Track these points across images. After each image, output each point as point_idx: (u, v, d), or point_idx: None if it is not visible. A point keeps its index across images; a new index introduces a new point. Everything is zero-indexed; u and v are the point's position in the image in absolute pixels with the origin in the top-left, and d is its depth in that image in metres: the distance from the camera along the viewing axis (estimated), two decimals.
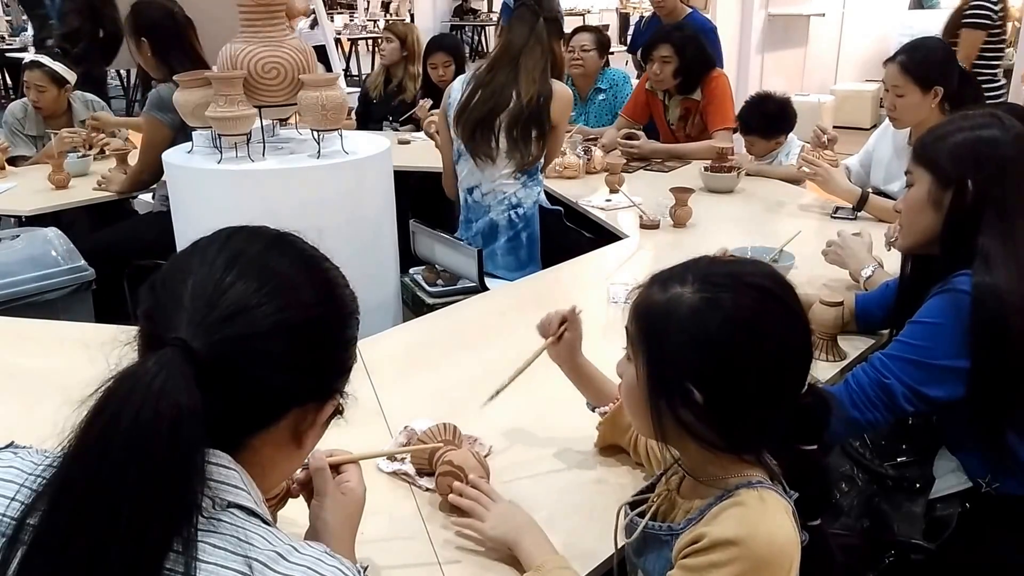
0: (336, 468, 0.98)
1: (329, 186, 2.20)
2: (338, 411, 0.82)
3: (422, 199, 3.45)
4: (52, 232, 2.56)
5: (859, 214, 2.49)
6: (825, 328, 1.65)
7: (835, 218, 2.51)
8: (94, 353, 0.71)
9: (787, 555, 0.81)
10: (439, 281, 2.61)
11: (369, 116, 4.24)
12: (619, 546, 1.04)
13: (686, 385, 0.84)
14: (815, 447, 0.92)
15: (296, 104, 2.23)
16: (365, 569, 0.72)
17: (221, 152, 2.21)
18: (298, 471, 0.96)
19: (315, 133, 2.23)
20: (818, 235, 2.16)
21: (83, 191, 3.04)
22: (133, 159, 3.11)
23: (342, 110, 2.21)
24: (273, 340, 0.71)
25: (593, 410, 1.28)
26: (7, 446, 0.75)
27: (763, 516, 0.82)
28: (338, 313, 0.79)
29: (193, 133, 2.36)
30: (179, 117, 2.36)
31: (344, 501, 0.95)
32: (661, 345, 0.87)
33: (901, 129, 2.50)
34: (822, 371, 1.60)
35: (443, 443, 1.20)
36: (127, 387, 0.63)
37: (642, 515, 0.97)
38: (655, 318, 0.88)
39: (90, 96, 3.77)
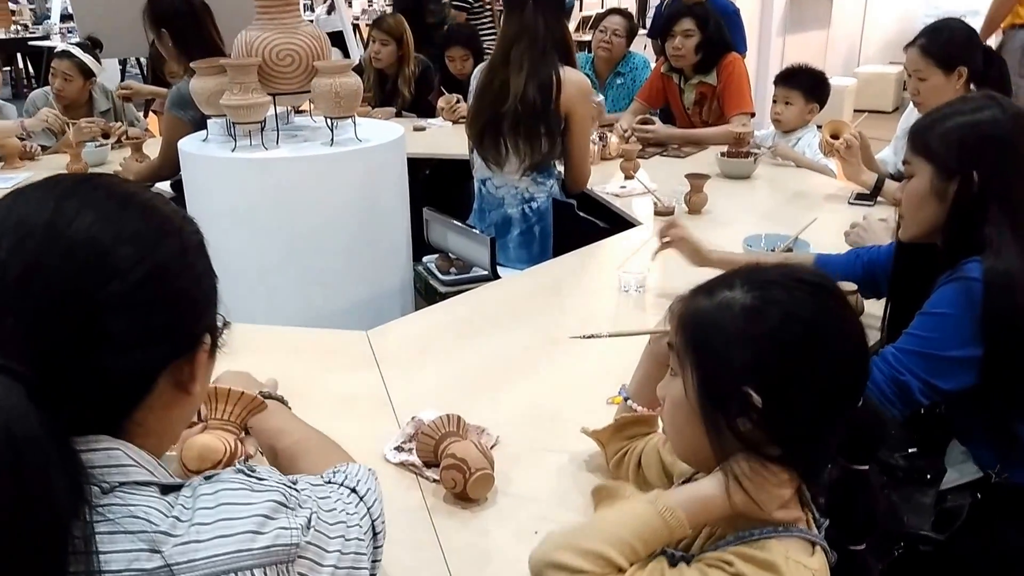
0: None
1: (341, 174, 2.20)
2: (216, 344, 0.75)
3: (437, 187, 3.44)
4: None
5: (877, 200, 2.45)
6: None
7: (853, 204, 2.48)
8: None
9: None
10: (452, 269, 2.61)
11: None
12: None
13: (743, 389, 0.79)
14: (866, 467, 0.88)
15: (310, 91, 2.23)
16: (245, 460, 0.75)
17: (235, 140, 2.22)
18: None
19: (328, 120, 2.24)
20: (836, 223, 2.12)
21: None
22: (148, 148, 3.14)
23: (356, 97, 2.21)
24: (107, 320, 0.62)
25: (626, 400, 1.18)
26: None
27: None
28: (176, 248, 0.69)
29: (208, 121, 2.37)
30: (199, 113, 2.37)
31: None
32: (713, 351, 0.83)
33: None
34: None
35: (447, 435, 1.20)
36: None
37: None
38: (704, 325, 0.84)
39: (110, 87, 3.81)
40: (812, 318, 0.82)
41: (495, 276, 2.32)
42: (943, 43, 2.31)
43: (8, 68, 8.60)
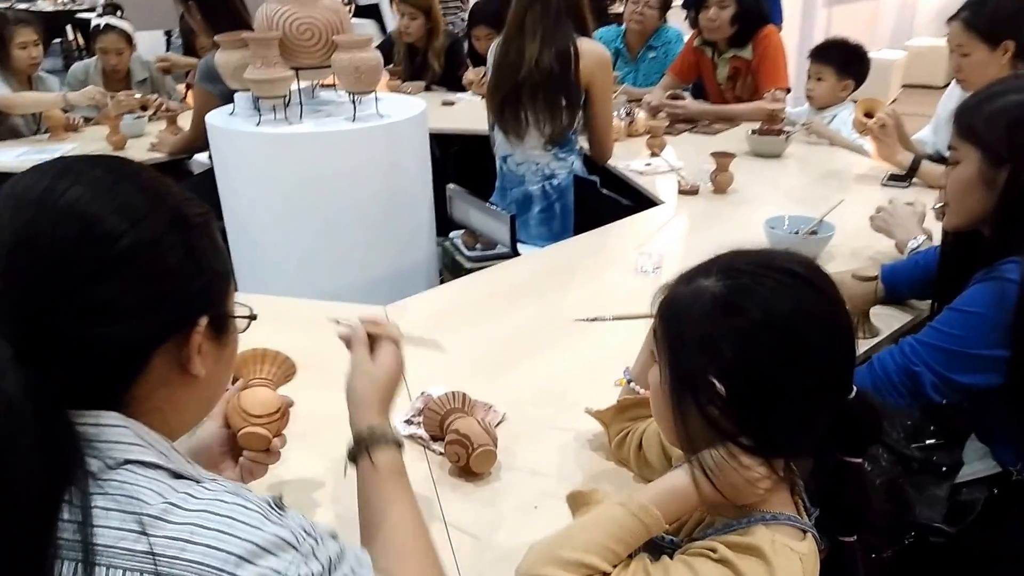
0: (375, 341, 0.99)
1: (362, 149, 2.21)
2: (224, 328, 0.74)
3: (467, 162, 3.44)
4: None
5: (913, 181, 2.39)
6: (857, 303, 1.60)
7: (887, 186, 2.42)
8: None
9: None
10: (478, 245, 2.62)
11: None
12: None
13: (708, 379, 0.79)
14: (859, 460, 0.86)
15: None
16: (279, 497, 0.68)
17: (260, 114, 2.24)
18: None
19: (350, 95, 2.25)
20: (869, 206, 2.05)
21: (138, 151, 3.13)
22: (183, 120, 3.19)
23: (376, 72, 2.22)
24: (93, 290, 0.63)
25: (629, 382, 1.21)
26: None
27: (779, 571, 0.76)
28: (174, 227, 0.68)
29: (235, 94, 2.40)
30: (227, 87, 2.39)
31: (373, 369, 0.95)
32: (682, 339, 0.83)
33: (970, 91, 2.35)
34: None
35: (452, 411, 1.22)
36: None
37: None
38: (677, 313, 0.85)
39: (146, 58, 3.87)
40: (785, 309, 0.80)
41: (515, 254, 2.32)
42: (988, 15, 2.19)
43: (59, 40, 8.74)
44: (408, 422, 1.29)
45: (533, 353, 1.54)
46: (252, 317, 0.79)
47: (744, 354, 0.79)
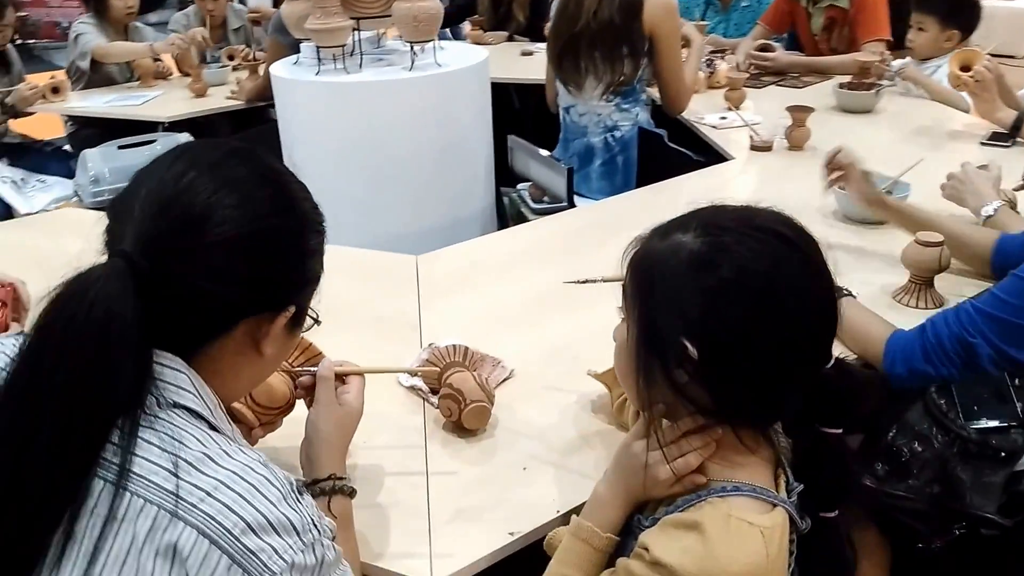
0: (342, 379, 1.00)
1: (418, 99, 2.19)
2: (299, 323, 0.83)
3: (547, 113, 3.35)
4: (184, 137, 2.74)
5: (1016, 141, 2.16)
6: (920, 270, 1.46)
7: (986, 145, 2.20)
8: None
9: None
10: (545, 198, 2.56)
11: None
12: None
13: (681, 340, 0.75)
14: (839, 431, 0.81)
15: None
16: (303, 483, 0.73)
17: (320, 64, 2.25)
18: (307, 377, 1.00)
19: (410, 44, 2.22)
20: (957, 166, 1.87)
21: (218, 100, 3.23)
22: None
23: (435, 21, 2.18)
24: (218, 252, 0.71)
25: None
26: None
27: (720, 545, 0.72)
28: (294, 224, 0.78)
29: (301, 44, 2.42)
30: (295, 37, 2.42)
31: (339, 412, 0.97)
32: (654, 297, 0.78)
33: None
34: (913, 318, 1.42)
35: (451, 365, 1.19)
36: (69, 293, 0.66)
37: None
38: (650, 269, 0.80)
39: (237, 5, 3.97)
40: (763, 271, 0.74)
41: (572, 207, 2.25)
42: None
43: None
44: (411, 373, 1.27)
45: (552, 311, 1.49)
46: (317, 321, 0.87)
47: (712, 314, 0.74)
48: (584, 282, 1.18)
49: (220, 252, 0.71)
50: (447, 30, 4.65)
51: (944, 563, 1.39)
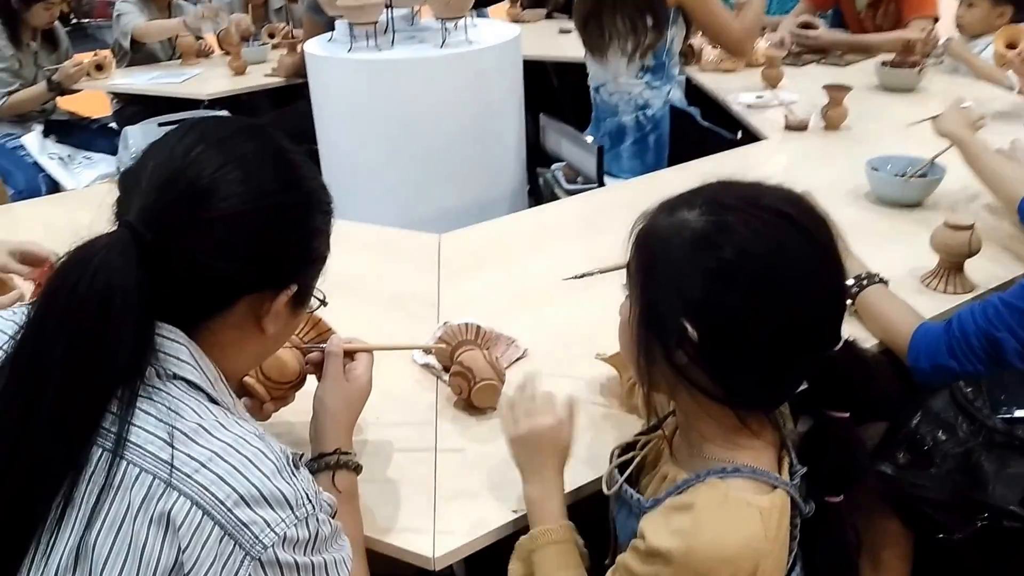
0: (350, 356, 1.02)
1: (449, 76, 2.19)
2: (303, 302, 0.83)
3: (585, 91, 3.32)
4: (222, 115, 2.79)
5: None
6: (949, 254, 1.42)
7: None
8: None
9: (739, 562, 0.71)
10: (579, 178, 2.55)
11: None
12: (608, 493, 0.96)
13: (681, 322, 0.74)
14: (846, 415, 0.80)
15: None
16: (299, 456, 0.73)
17: (352, 40, 2.27)
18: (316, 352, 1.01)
19: (441, 21, 2.22)
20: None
21: (257, 77, 3.28)
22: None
23: None
24: (221, 227, 0.71)
25: None
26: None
27: (713, 523, 0.72)
28: (300, 202, 0.78)
29: (336, 21, 2.43)
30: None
31: (346, 388, 0.98)
32: (657, 276, 0.78)
33: None
34: (941, 303, 1.39)
35: (462, 343, 1.20)
36: (73, 262, 0.68)
37: (627, 464, 0.90)
38: (654, 247, 0.79)
39: None
40: (762, 251, 0.72)
41: (601, 186, 2.24)
42: None
43: None
44: (426, 351, 1.28)
45: (571, 292, 1.47)
46: (323, 303, 0.88)
47: (722, 300, 0.73)
48: (583, 276, 1.18)
49: (223, 226, 0.71)
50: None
51: (966, 555, 1.36)
